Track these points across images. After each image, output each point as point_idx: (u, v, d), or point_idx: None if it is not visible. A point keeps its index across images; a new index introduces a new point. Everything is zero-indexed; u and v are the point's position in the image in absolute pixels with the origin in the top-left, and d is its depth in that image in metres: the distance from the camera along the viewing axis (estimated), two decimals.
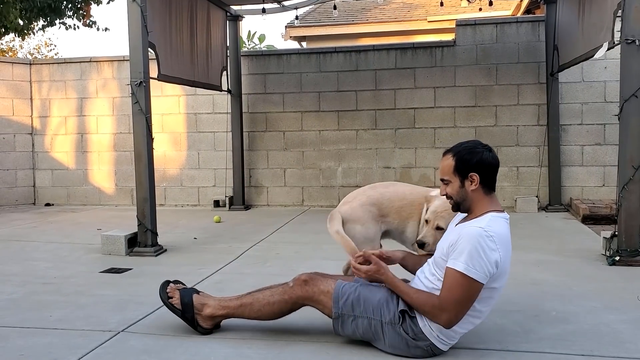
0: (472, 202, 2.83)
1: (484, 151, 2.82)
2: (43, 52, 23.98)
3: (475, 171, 2.79)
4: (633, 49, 4.76)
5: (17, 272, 4.99)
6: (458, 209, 2.90)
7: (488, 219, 2.74)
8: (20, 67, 9.93)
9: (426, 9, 15.04)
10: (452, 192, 2.86)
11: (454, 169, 2.83)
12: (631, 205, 4.84)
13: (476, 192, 2.81)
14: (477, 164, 2.79)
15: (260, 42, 17.19)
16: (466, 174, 2.81)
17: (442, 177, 2.90)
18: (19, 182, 9.90)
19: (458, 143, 2.93)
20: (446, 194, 2.90)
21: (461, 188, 2.83)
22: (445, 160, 2.89)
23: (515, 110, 8.37)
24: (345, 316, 2.94)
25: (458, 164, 2.82)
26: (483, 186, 2.81)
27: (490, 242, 2.64)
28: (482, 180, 2.80)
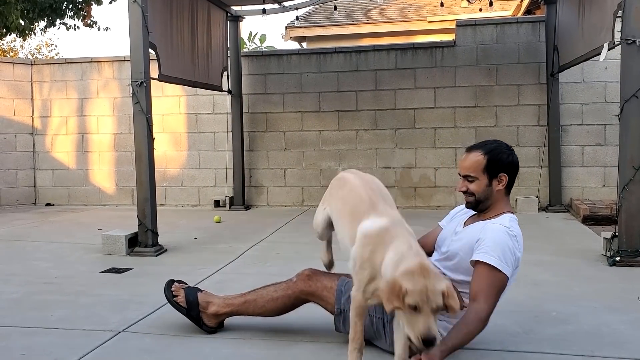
0: (494, 202, 2.86)
1: (511, 153, 2.88)
2: (44, 53, 24.00)
3: (505, 172, 2.83)
4: (633, 50, 4.76)
5: (18, 272, 5.00)
6: (476, 206, 2.90)
7: (508, 219, 2.79)
8: (21, 67, 9.94)
9: (426, 9, 15.04)
10: (477, 189, 2.84)
11: (485, 167, 2.83)
12: (632, 206, 4.84)
13: (500, 193, 2.85)
14: (508, 164, 2.84)
15: (261, 43, 17.19)
16: (496, 173, 2.83)
17: (468, 173, 2.87)
18: (19, 182, 9.91)
19: (482, 141, 2.95)
20: (466, 190, 2.88)
21: (488, 187, 2.84)
22: (473, 157, 2.87)
23: (515, 110, 8.37)
24: (347, 313, 2.91)
25: (490, 162, 2.83)
26: (507, 187, 2.87)
27: (514, 242, 2.71)
28: (508, 181, 2.86)
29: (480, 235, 2.73)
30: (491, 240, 2.67)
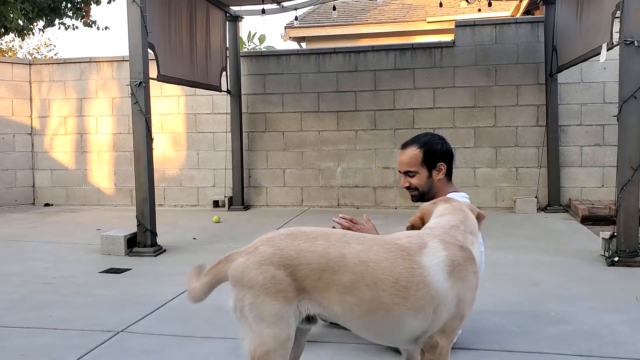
0: (437, 191, 2.98)
1: (444, 143, 3.04)
2: (43, 53, 23.97)
3: (442, 160, 2.99)
4: (632, 50, 4.76)
5: (17, 272, 5.00)
6: (422, 199, 3.00)
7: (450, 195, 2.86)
8: (20, 67, 9.93)
9: (425, 9, 15.04)
10: (420, 182, 2.99)
11: (422, 160, 2.98)
12: (630, 206, 4.84)
13: (441, 181, 3.00)
14: (443, 154, 3.00)
15: (260, 43, 17.18)
16: (434, 163, 2.98)
17: (408, 169, 3.00)
18: (18, 182, 9.90)
19: (415, 136, 3.10)
20: (409, 186, 3.00)
21: (429, 178, 2.99)
22: (409, 152, 3.02)
23: (514, 110, 8.38)
24: None
25: (426, 154, 2.98)
26: (447, 174, 3.01)
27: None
28: (447, 169, 3.00)
29: None
30: None
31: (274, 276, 1.96)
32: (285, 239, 2.05)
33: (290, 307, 1.97)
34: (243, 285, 2.01)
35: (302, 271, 1.97)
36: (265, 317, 1.97)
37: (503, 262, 5.08)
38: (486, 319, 3.48)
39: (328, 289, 1.97)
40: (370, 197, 8.70)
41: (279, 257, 1.99)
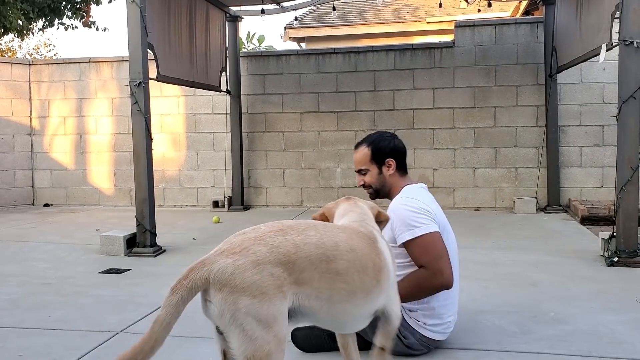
0: (391, 186, 3.03)
1: (393, 139, 3.07)
2: (42, 53, 23.96)
3: (391, 157, 3.02)
4: (631, 51, 4.77)
5: (16, 273, 5.00)
6: (377, 195, 3.07)
7: (404, 190, 2.96)
8: (20, 67, 9.93)
9: (425, 10, 15.04)
10: (372, 180, 3.04)
11: (371, 157, 3.02)
12: (629, 206, 4.84)
13: (393, 177, 3.03)
14: (391, 150, 3.02)
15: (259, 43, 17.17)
16: (383, 160, 3.01)
17: (360, 167, 3.07)
18: (17, 182, 9.90)
19: (367, 135, 3.13)
20: (364, 184, 3.07)
21: (379, 174, 3.03)
22: (360, 151, 3.06)
23: (514, 111, 8.38)
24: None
25: (374, 152, 3.02)
26: (398, 170, 3.04)
27: (409, 200, 2.84)
28: (397, 164, 3.03)
29: (390, 223, 2.80)
30: (398, 219, 2.80)
31: (272, 273, 1.93)
32: (277, 236, 2.01)
33: (286, 303, 1.95)
34: (234, 288, 1.92)
35: (302, 264, 1.97)
36: (265, 318, 1.91)
37: (502, 262, 5.08)
38: (485, 319, 3.48)
39: (321, 278, 1.99)
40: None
41: (276, 254, 1.95)
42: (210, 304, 1.97)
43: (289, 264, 1.95)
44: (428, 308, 2.84)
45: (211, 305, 1.97)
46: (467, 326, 3.31)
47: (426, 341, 2.89)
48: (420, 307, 2.84)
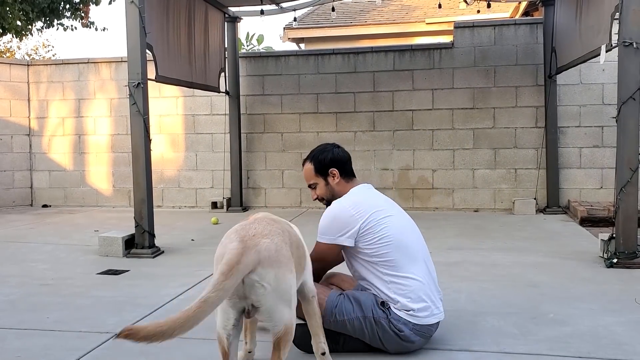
0: (340, 193, 3.14)
1: (332, 149, 3.20)
2: (41, 53, 23.96)
3: (332, 166, 3.15)
4: (630, 52, 4.76)
5: (15, 274, 4.99)
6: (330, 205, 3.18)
7: (350, 192, 3.11)
8: (18, 68, 9.92)
9: (424, 11, 15.05)
10: (322, 192, 3.20)
11: (315, 171, 3.18)
12: (629, 208, 4.84)
13: (339, 184, 3.16)
14: (331, 160, 3.16)
15: (258, 44, 17.17)
16: (326, 171, 3.16)
17: (309, 183, 3.24)
18: (16, 183, 9.89)
19: (310, 151, 3.28)
20: (317, 197, 3.22)
21: (327, 185, 3.17)
22: (306, 167, 3.22)
23: (513, 112, 8.38)
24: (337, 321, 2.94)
25: (317, 165, 3.17)
26: (343, 177, 3.17)
27: (342, 209, 2.99)
28: (340, 172, 3.16)
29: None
30: (321, 220, 3.05)
31: (292, 253, 2.39)
32: (274, 223, 2.47)
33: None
34: (280, 263, 2.25)
35: (293, 245, 2.46)
36: (294, 290, 2.35)
37: (502, 263, 5.08)
38: (485, 321, 3.48)
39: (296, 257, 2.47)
40: None
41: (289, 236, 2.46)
42: (260, 284, 2.20)
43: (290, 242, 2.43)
44: (412, 292, 2.88)
45: (261, 285, 2.20)
46: (466, 327, 3.31)
47: (420, 329, 2.89)
48: (400, 294, 2.88)
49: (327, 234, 2.99)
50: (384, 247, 2.91)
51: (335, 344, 2.96)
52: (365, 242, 2.93)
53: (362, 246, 2.94)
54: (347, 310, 2.91)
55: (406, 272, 2.90)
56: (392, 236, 2.93)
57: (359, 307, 2.91)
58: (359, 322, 2.90)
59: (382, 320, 2.88)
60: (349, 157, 3.23)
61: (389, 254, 2.90)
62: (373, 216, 2.94)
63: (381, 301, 2.92)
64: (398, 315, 2.88)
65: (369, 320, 2.90)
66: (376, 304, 2.92)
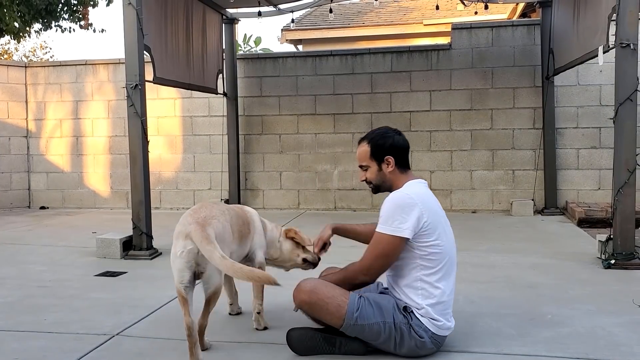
0: (392, 182, 3.04)
1: (394, 135, 3.09)
2: (38, 55, 23.94)
3: (389, 154, 3.03)
4: (627, 53, 4.78)
5: (12, 275, 4.98)
6: (378, 190, 3.13)
7: (408, 184, 3.00)
8: (16, 69, 9.91)
9: (422, 12, 15.07)
10: (372, 176, 3.07)
11: (370, 154, 3.05)
12: (626, 209, 4.84)
13: (393, 173, 3.04)
14: (390, 147, 3.04)
15: (256, 45, 17.19)
16: (382, 157, 3.03)
17: (360, 163, 3.11)
18: (13, 185, 9.88)
19: (370, 131, 3.17)
20: (365, 179, 3.11)
21: (379, 171, 3.05)
22: (361, 147, 3.10)
23: (511, 113, 8.38)
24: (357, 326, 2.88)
25: (373, 149, 3.05)
26: (399, 166, 3.04)
27: (408, 200, 2.88)
28: (396, 161, 3.03)
29: (380, 212, 2.96)
30: (385, 210, 2.91)
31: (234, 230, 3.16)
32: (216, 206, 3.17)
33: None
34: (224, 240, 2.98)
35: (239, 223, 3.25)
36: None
37: (500, 264, 5.08)
38: (483, 322, 3.48)
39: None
40: (367, 200, 8.70)
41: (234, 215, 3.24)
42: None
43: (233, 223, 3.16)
44: (437, 303, 2.87)
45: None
46: (464, 329, 3.31)
47: (437, 338, 2.90)
48: (428, 302, 2.86)
49: (390, 223, 2.85)
50: (435, 255, 2.87)
51: (331, 346, 2.95)
52: (420, 242, 2.86)
53: (415, 244, 2.86)
54: (368, 315, 2.86)
55: (440, 283, 2.89)
56: (444, 246, 2.90)
57: (379, 312, 2.87)
58: (377, 327, 2.86)
59: (403, 326, 2.85)
60: (408, 147, 3.12)
61: (436, 261, 2.87)
62: (433, 218, 2.89)
63: (403, 306, 2.89)
64: (420, 322, 2.86)
65: (389, 325, 2.86)
66: (397, 308, 2.89)
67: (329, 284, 2.98)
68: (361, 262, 2.95)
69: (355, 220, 4.00)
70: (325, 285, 2.97)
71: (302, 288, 2.96)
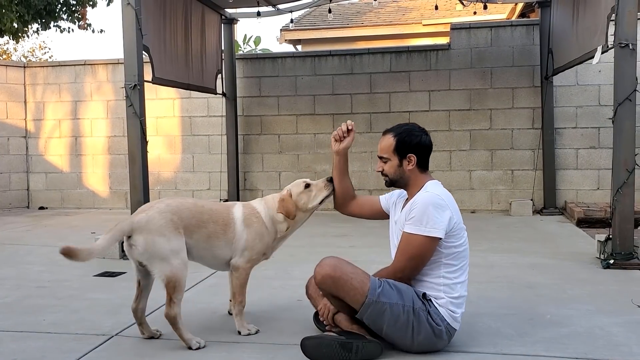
0: (409, 180, 3.06)
1: (422, 134, 3.06)
2: (37, 55, 23.92)
3: (413, 152, 3.02)
4: (626, 53, 4.78)
5: (11, 276, 4.97)
6: (392, 185, 3.14)
7: (431, 185, 3.01)
8: (15, 70, 9.90)
9: (421, 12, 15.08)
10: (389, 170, 3.08)
11: (394, 148, 3.05)
12: (625, 208, 4.85)
13: (413, 172, 3.05)
14: (416, 145, 3.03)
15: (255, 45, 17.18)
16: (405, 154, 3.03)
17: (382, 154, 3.12)
18: (12, 185, 9.87)
19: (397, 124, 3.15)
20: (382, 171, 3.11)
21: (399, 167, 3.05)
22: (386, 139, 3.10)
23: (510, 113, 8.39)
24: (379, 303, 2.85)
25: (398, 144, 3.04)
26: (419, 166, 3.05)
27: (440, 200, 2.91)
28: (418, 160, 3.03)
29: (409, 209, 2.95)
30: (418, 210, 2.89)
31: (172, 219, 3.12)
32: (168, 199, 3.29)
33: (183, 238, 3.15)
34: (149, 230, 3.05)
35: (184, 214, 3.18)
36: (174, 249, 3.09)
37: (499, 264, 5.08)
38: (482, 322, 3.48)
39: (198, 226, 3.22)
40: None
41: (170, 207, 3.17)
42: (135, 246, 3.08)
43: (178, 213, 3.16)
44: (456, 296, 2.95)
45: (136, 247, 3.08)
46: (463, 329, 3.30)
47: (450, 330, 2.94)
48: (449, 295, 2.93)
49: (424, 224, 2.86)
50: (459, 254, 2.98)
51: (348, 352, 2.85)
52: (448, 242, 2.93)
53: (444, 244, 2.92)
54: (390, 294, 2.85)
55: (460, 278, 3.00)
56: (466, 246, 3.02)
57: (399, 295, 2.87)
58: (397, 309, 2.84)
59: (421, 312, 2.86)
60: (432, 148, 3.11)
61: (459, 259, 2.98)
62: (459, 218, 2.99)
63: (422, 293, 2.91)
64: (438, 310, 2.90)
65: (408, 309, 2.86)
66: (416, 294, 2.91)
67: (349, 263, 3.00)
68: (394, 264, 2.97)
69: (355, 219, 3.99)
70: (347, 263, 2.98)
71: (325, 263, 2.95)
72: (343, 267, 2.92)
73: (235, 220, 3.31)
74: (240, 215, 3.34)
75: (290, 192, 3.42)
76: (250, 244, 3.29)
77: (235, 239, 3.28)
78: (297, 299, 3.89)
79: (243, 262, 3.28)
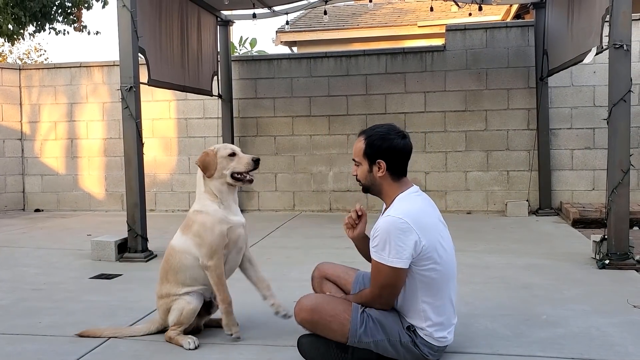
0: (382, 188, 2.83)
1: (395, 137, 2.80)
2: (33, 57, 23.86)
3: (382, 158, 2.77)
4: (621, 54, 4.79)
5: (6, 278, 4.96)
6: (367, 191, 2.91)
7: (398, 202, 2.76)
8: (10, 72, 9.88)
9: (416, 14, 15.10)
10: (362, 175, 2.86)
11: (363, 152, 2.81)
12: (620, 209, 4.86)
13: (384, 179, 2.80)
14: (386, 150, 2.77)
15: (251, 47, 17.17)
16: (374, 159, 2.78)
17: (354, 157, 2.89)
18: (8, 187, 9.84)
19: (375, 125, 2.92)
20: (356, 176, 2.90)
21: (369, 173, 2.82)
22: (357, 142, 2.86)
23: (505, 114, 8.41)
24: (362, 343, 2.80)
25: (367, 148, 2.80)
26: (391, 173, 2.80)
27: (402, 225, 2.64)
28: (389, 167, 2.78)
29: (374, 230, 2.73)
30: (377, 237, 2.68)
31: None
32: None
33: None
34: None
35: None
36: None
37: (494, 265, 5.09)
38: (478, 323, 3.49)
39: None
40: (362, 202, 8.70)
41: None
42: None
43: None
44: (439, 324, 2.78)
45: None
46: (459, 330, 3.31)
47: (438, 350, 2.83)
48: (434, 321, 2.77)
49: (387, 253, 2.65)
50: (435, 274, 2.72)
51: (344, 352, 2.83)
52: (419, 266, 2.70)
53: (415, 268, 2.70)
54: (373, 332, 2.76)
55: (440, 301, 2.77)
56: (444, 265, 2.75)
57: (384, 331, 2.77)
58: (384, 344, 2.78)
59: (409, 344, 2.77)
60: (409, 153, 2.82)
61: (436, 280, 2.73)
62: (429, 238, 2.70)
63: (407, 325, 2.79)
64: (424, 340, 2.78)
65: (394, 342, 2.77)
66: (402, 328, 2.79)
67: (331, 299, 2.88)
68: (371, 292, 2.78)
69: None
70: (328, 301, 2.86)
71: (303, 306, 2.83)
72: (321, 310, 2.80)
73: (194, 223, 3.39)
74: (191, 214, 3.45)
75: (216, 151, 3.39)
76: (201, 238, 3.26)
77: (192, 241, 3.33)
78: (293, 301, 3.89)
79: (207, 260, 3.21)
